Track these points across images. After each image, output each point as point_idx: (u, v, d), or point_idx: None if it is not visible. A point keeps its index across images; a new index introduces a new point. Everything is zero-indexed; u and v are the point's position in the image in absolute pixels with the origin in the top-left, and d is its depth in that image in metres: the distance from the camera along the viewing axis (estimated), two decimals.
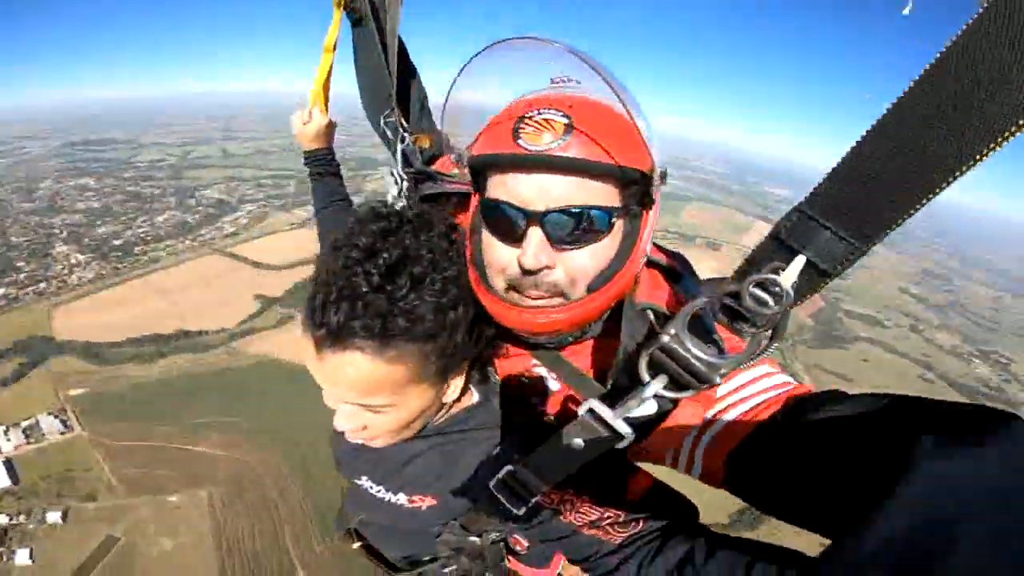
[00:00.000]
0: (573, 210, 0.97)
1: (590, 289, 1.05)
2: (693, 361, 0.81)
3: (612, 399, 0.91)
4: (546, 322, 1.06)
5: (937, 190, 0.63)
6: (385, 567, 1.82)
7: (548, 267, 1.01)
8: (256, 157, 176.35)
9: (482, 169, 1.08)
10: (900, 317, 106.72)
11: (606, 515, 1.09)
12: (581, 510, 1.10)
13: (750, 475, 0.96)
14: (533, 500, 1.08)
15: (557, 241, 1.00)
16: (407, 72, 1.92)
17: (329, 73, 2.00)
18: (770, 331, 0.76)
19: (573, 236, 0.99)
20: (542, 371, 1.29)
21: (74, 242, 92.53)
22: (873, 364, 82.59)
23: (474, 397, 1.31)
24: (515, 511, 1.10)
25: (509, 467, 1.08)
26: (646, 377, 0.86)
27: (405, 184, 1.73)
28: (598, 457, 0.95)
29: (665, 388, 0.86)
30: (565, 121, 0.96)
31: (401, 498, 1.33)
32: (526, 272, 1.02)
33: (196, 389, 56.93)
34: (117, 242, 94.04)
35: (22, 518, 41.27)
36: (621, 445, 0.91)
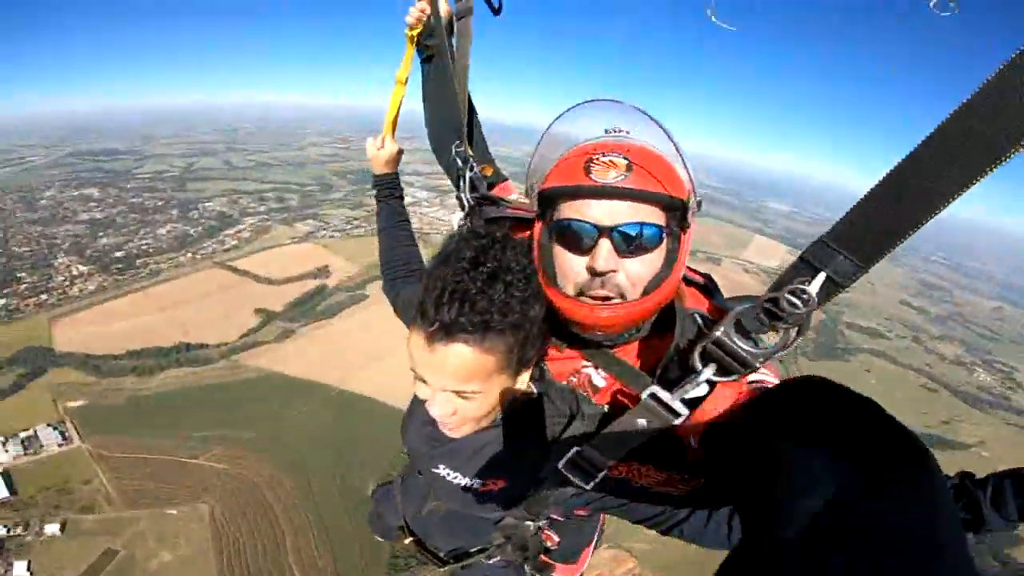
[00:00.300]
0: (634, 226, 1.26)
1: (645, 291, 1.32)
2: (739, 351, 1.06)
3: (667, 386, 1.18)
4: (612, 315, 1.32)
5: (918, 226, 0.84)
6: (433, 560, 2.07)
7: (614, 271, 1.28)
8: (259, 170, 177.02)
9: (555, 197, 1.35)
10: (901, 328, 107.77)
11: (674, 476, 1.34)
12: (649, 475, 1.36)
13: (709, 454, 1.26)
14: (600, 475, 1.32)
15: (620, 250, 1.27)
16: (471, 109, 2.18)
17: (400, 104, 2.17)
18: (796, 328, 0.99)
19: (632, 247, 1.27)
20: (590, 371, 1.56)
21: (76, 253, 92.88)
22: (876, 375, 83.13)
23: (534, 391, 1.51)
24: (583, 485, 1.33)
25: (576, 448, 1.32)
26: (699, 366, 1.11)
27: (470, 207, 2.01)
28: (656, 435, 1.22)
29: (714, 374, 1.11)
30: (625, 162, 1.26)
31: (475, 483, 1.56)
32: (595, 275, 1.29)
33: (196, 402, 57.14)
34: (119, 254, 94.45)
35: (20, 530, 41.17)
36: (676, 422, 1.17)
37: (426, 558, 2.05)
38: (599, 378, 1.53)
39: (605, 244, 1.27)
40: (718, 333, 1.07)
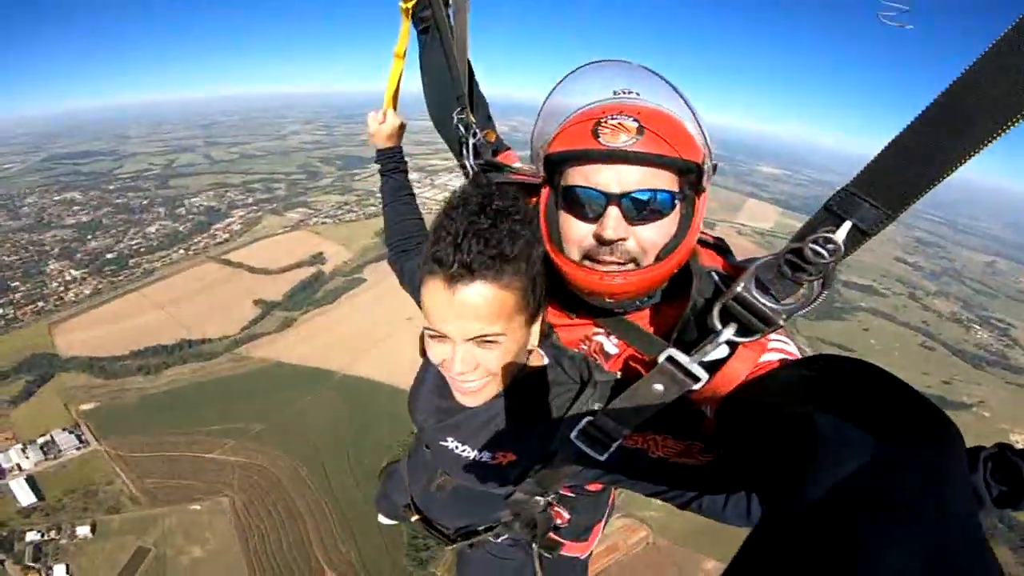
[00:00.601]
0: (645, 192, 1.22)
1: (658, 258, 1.29)
2: (762, 307, 0.99)
3: (684, 349, 1.11)
4: (623, 283, 1.30)
5: (942, 177, 0.80)
6: (440, 538, 2.02)
7: (623, 239, 1.25)
8: (242, 162, 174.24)
9: (561, 162, 1.32)
10: (898, 286, 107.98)
11: (693, 445, 1.27)
12: (667, 445, 1.28)
13: (723, 427, 1.20)
14: (615, 445, 1.25)
15: (630, 218, 1.24)
16: (472, 77, 2.14)
17: (399, 78, 2.15)
18: (821, 281, 0.93)
19: (643, 214, 1.24)
20: (601, 338, 1.54)
21: (67, 258, 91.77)
22: (874, 334, 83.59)
23: (544, 360, 1.48)
24: (598, 457, 1.27)
25: (589, 418, 1.26)
26: (718, 325, 1.05)
27: (474, 174, 1.98)
28: (673, 401, 1.15)
29: (735, 334, 1.05)
30: (636, 124, 1.21)
31: (485, 455, 1.49)
32: (603, 243, 1.26)
33: (204, 398, 57.62)
34: (110, 255, 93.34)
35: (53, 533, 41.91)
36: (696, 387, 1.10)
37: (433, 536, 2.02)
38: (611, 345, 1.53)
39: (613, 212, 1.24)
40: (739, 288, 1.01)
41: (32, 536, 41.61)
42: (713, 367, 1.10)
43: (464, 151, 1.99)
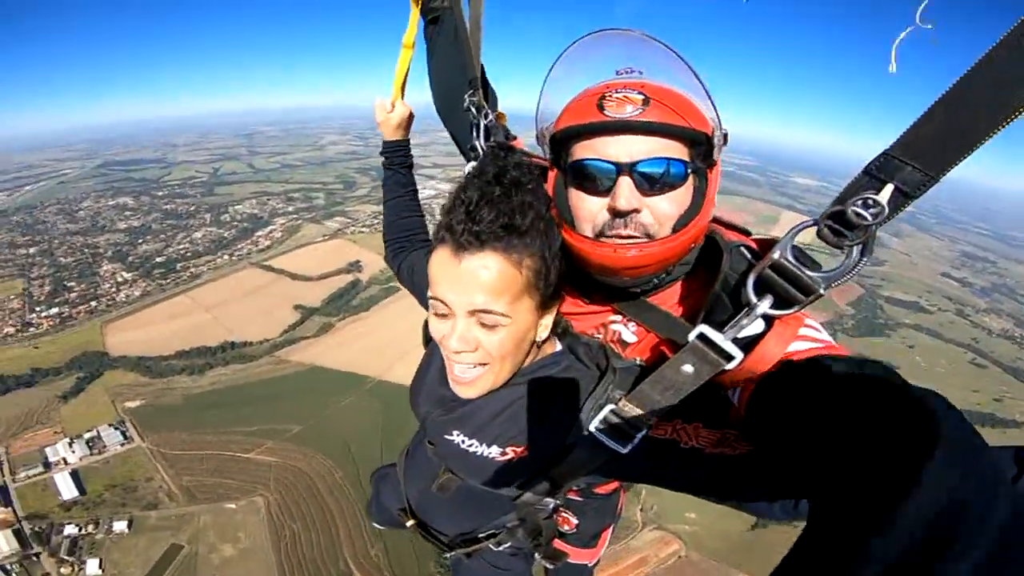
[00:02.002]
0: (656, 161, 1.18)
1: (674, 230, 1.24)
2: (801, 275, 0.93)
3: (716, 327, 1.03)
4: (639, 255, 1.23)
5: (985, 138, 0.77)
6: (437, 545, 1.91)
7: (637, 210, 1.21)
8: (283, 171, 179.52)
9: (568, 139, 1.27)
10: (944, 302, 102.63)
11: (728, 433, 1.18)
12: (700, 434, 1.19)
13: (759, 418, 1.08)
14: (639, 436, 1.16)
15: (643, 188, 1.20)
16: (484, 74, 2.09)
17: (408, 68, 2.12)
18: (861, 247, 0.89)
19: (657, 184, 1.20)
20: (618, 326, 1.47)
21: (119, 260, 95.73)
22: (920, 351, 79.91)
23: (556, 346, 1.42)
24: (620, 449, 1.17)
25: (611, 406, 1.17)
26: (754, 298, 0.99)
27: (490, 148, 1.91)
28: (701, 387, 1.07)
29: (772, 307, 0.98)
30: (641, 96, 1.18)
31: (494, 451, 1.39)
32: (617, 215, 1.22)
33: (245, 398, 58.68)
34: (160, 259, 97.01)
35: (91, 527, 42.84)
36: (729, 367, 1.02)
37: (430, 542, 1.91)
38: (629, 333, 1.44)
39: (625, 182, 1.19)
40: (776, 255, 0.95)
41: (70, 529, 42.60)
42: (747, 346, 1.02)
43: (475, 133, 1.90)
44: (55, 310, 78.19)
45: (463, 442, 1.43)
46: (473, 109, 1.90)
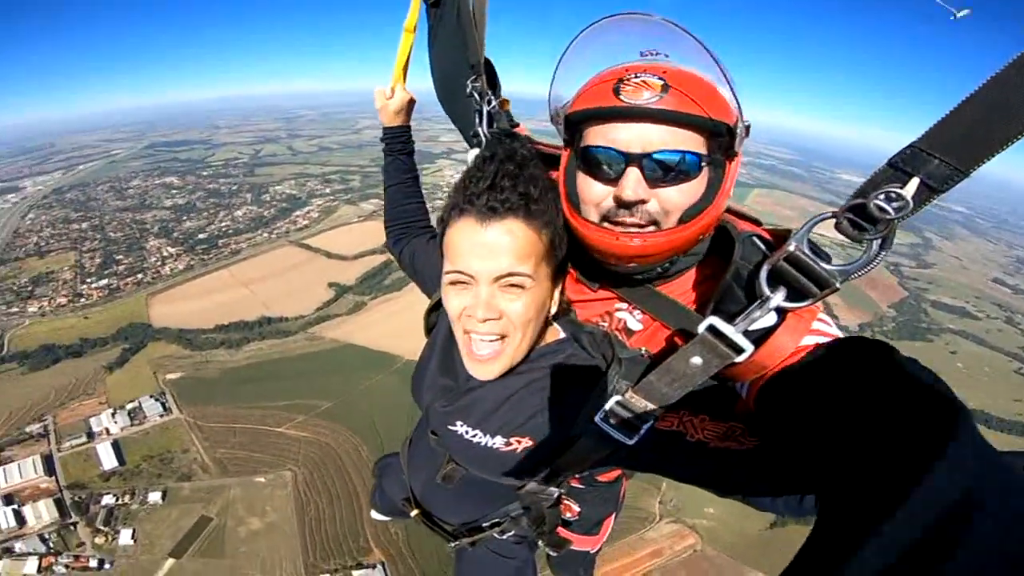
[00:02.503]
0: (668, 153, 1.15)
1: (681, 220, 1.20)
2: (816, 267, 0.90)
3: (726, 319, 0.98)
4: (641, 245, 1.20)
5: (1018, 137, 0.73)
6: (441, 534, 1.87)
7: (643, 200, 1.18)
8: (321, 154, 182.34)
9: (581, 122, 1.24)
10: (993, 308, 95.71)
11: (735, 427, 1.15)
12: (706, 427, 1.16)
13: (768, 412, 1.06)
14: (645, 427, 1.12)
15: (652, 179, 1.17)
16: (489, 62, 1.96)
17: (409, 52, 2.06)
18: (881, 241, 0.85)
19: (667, 176, 1.17)
20: (624, 314, 1.41)
21: (164, 236, 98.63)
22: (961, 357, 74.30)
23: (560, 334, 1.38)
24: (626, 441, 1.13)
25: (617, 397, 1.12)
26: (767, 290, 0.95)
27: (494, 135, 1.83)
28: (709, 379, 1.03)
29: (785, 299, 0.95)
30: (661, 82, 1.14)
31: (498, 440, 1.36)
32: (622, 205, 1.19)
33: (279, 373, 59.03)
34: (202, 236, 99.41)
35: (127, 498, 43.54)
36: (739, 360, 0.97)
37: (435, 532, 1.89)
38: (635, 321, 1.41)
39: (633, 173, 1.17)
40: (791, 247, 0.92)
41: (107, 499, 43.33)
42: (758, 339, 1.00)
43: (478, 119, 1.87)
44: (104, 281, 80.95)
45: (466, 433, 1.42)
46: (476, 95, 1.85)
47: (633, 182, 1.16)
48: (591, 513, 2.22)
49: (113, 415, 51.62)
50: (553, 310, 1.31)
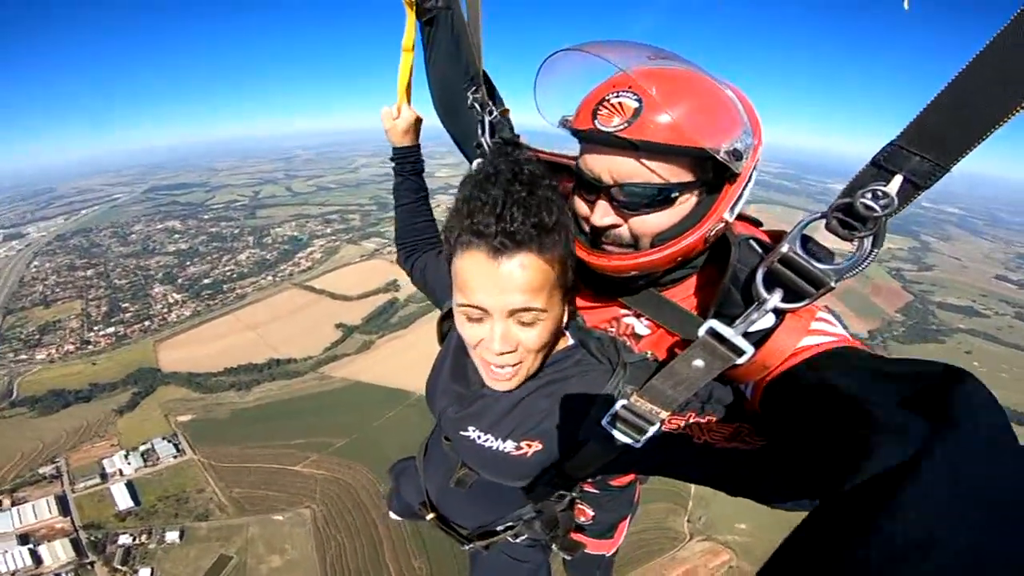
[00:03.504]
0: (635, 186, 1.15)
1: (654, 244, 1.23)
2: (810, 268, 0.92)
3: (726, 321, 1.00)
4: (618, 264, 1.26)
5: (994, 127, 0.75)
6: (456, 538, 1.90)
7: (613, 226, 1.22)
8: (320, 194, 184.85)
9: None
10: (1001, 306, 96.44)
11: (742, 428, 1.16)
12: (712, 428, 1.17)
13: (772, 414, 1.08)
14: (652, 430, 1.13)
15: (622, 207, 1.20)
16: (488, 79, 2.02)
17: (410, 72, 2.05)
18: (872, 238, 0.86)
19: (635, 205, 1.19)
20: (631, 319, 1.45)
21: (169, 282, 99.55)
22: (977, 356, 75.04)
23: (569, 341, 1.40)
24: (632, 443, 1.15)
25: (623, 401, 1.14)
26: (763, 292, 0.97)
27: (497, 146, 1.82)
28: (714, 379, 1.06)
29: (782, 300, 0.96)
30: (635, 105, 1.10)
31: (509, 445, 1.38)
32: (594, 229, 1.25)
33: (290, 413, 59.82)
34: (207, 281, 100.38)
35: (144, 538, 43.65)
36: (740, 361, 1.00)
37: (449, 535, 1.92)
38: (642, 327, 1.44)
39: (601, 203, 1.21)
40: (784, 249, 0.94)
41: (124, 539, 43.52)
42: (758, 341, 1.01)
43: (480, 130, 1.86)
44: (111, 329, 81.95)
45: (479, 437, 1.44)
46: (477, 106, 1.86)
47: (600, 211, 1.21)
48: (605, 517, 2.20)
49: (126, 456, 52.12)
50: (565, 321, 1.30)
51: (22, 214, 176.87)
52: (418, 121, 2.09)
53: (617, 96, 1.13)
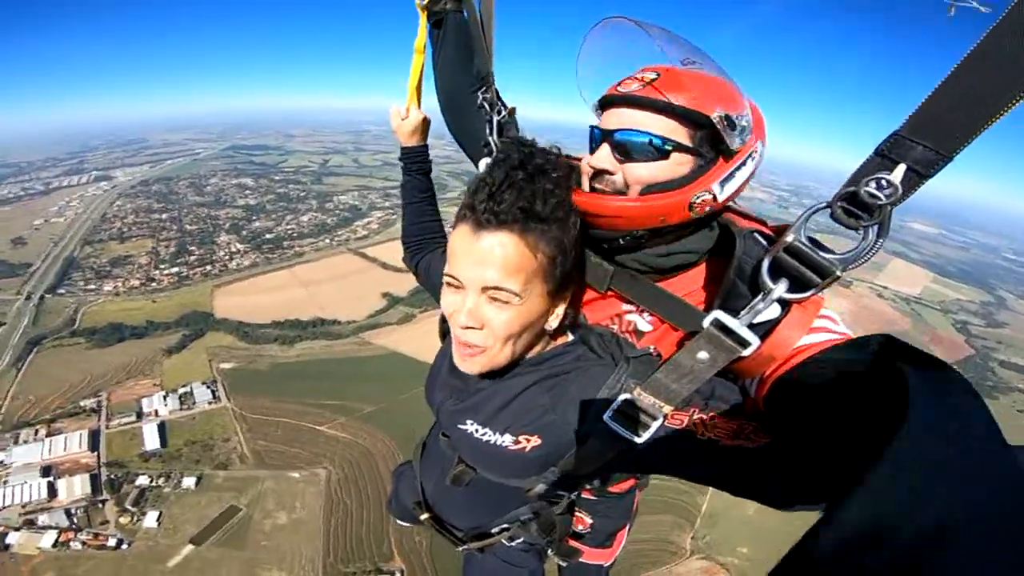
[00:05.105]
0: (634, 133, 1.23)
1: (642, 193, 1.26)
2: (817, 258, 0.93)
3: (731, 313, 1.00)
4: (597, 204, 1.27)
5: (996, 116, 0.75)
6: (450, 539, 1.87)
7: (608, 171, 1.28)
8: (384, 169, 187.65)
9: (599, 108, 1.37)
10: None
11: (746, 425, 1.12)
12: (716, 424, 1.14)
13: (777, 413, 1.08)
14: (654, 426, 1.11)
15: (620, 154, 1.26)
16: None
17: (421, 72, 2.09)
18: (877, 228, 0.87)
19: (630, 153, 1.25)
20: (633, 316, 1.42)
21: (234, 233, 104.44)
22: None
23: (569, 337, 1.39)
24: (634, 440, 1.13)
25: (625, 396, 1.13)
26: (769, 282, 0.98)
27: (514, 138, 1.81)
28: (718, 374, 1.05)
29: (787, 290, 0.98)
30: (652, 76, 1.22)
31: (507, 439, 1.33)
32: (596, 172, 1.30)
33: (327, 373, 59.81)
34: (269, 236, 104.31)
35: (161, 481, 43.85)
36: (746, 353, 0.99)
37: (444, 536, 1.88)
38: (644, 322, 1.42)
39: (604, 147, 1.29)
40: (790, 238, 0.95)
41: (142, 480, 43.70)
42: (763, 333, 1.02)
43: (488, 130, 1.84)
44: (176, 269, 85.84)
45: (476, 431, 1.40)
46: (487, 106, 1.84)
47: (601, 153, 1.27)
48: (603, 525, 2.21)
49: (165, 398, 53.11)
50: (554, 325, 1.28)
51: (114, 160, 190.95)
52: (426, 122, 2.12)
53: (642, 73, 1.26)
